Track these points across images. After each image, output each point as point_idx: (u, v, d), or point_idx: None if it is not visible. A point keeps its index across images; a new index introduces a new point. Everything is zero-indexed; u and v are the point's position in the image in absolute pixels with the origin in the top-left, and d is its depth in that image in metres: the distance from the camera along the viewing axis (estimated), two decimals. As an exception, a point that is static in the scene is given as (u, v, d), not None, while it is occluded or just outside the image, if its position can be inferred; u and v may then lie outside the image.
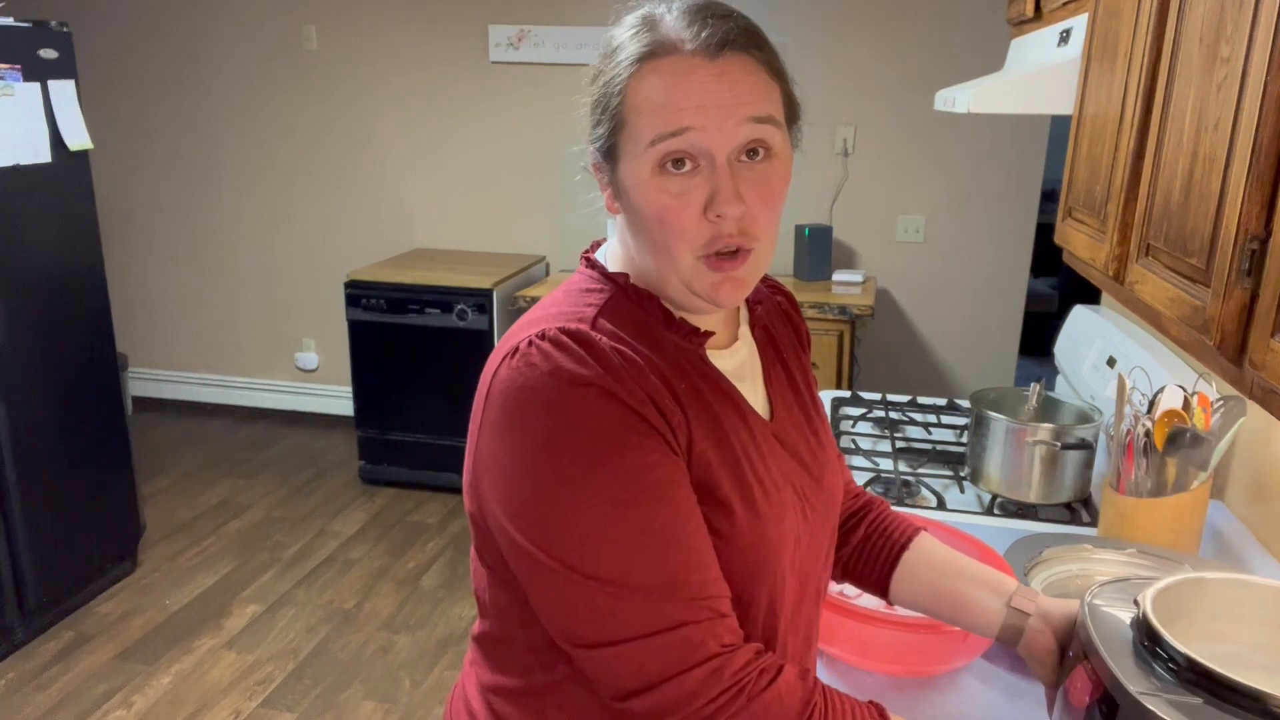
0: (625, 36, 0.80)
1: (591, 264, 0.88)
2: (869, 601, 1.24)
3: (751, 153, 0.78)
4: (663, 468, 0.75)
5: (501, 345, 0.82)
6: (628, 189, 0.80)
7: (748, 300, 0.96)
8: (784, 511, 0.86)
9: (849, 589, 1.26)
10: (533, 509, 0.75)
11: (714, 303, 0.82)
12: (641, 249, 0.83)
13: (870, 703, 0.83)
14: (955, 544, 1.27)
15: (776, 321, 1.00)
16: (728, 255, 0.79)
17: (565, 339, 0.76)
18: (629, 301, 0.84)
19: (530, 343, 0.77)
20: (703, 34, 0.77)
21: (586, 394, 0.74)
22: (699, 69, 0.76)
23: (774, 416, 0.91)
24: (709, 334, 0.85)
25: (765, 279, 1.02)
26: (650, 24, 0.80)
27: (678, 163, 0.77)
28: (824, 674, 1.17)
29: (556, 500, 0.73)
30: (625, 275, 0.86)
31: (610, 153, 0.81)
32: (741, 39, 0.78)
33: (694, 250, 0.79)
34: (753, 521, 0.82)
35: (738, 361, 0.91)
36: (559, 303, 0.84)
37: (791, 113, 0.84)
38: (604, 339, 0.77)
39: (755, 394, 0.91)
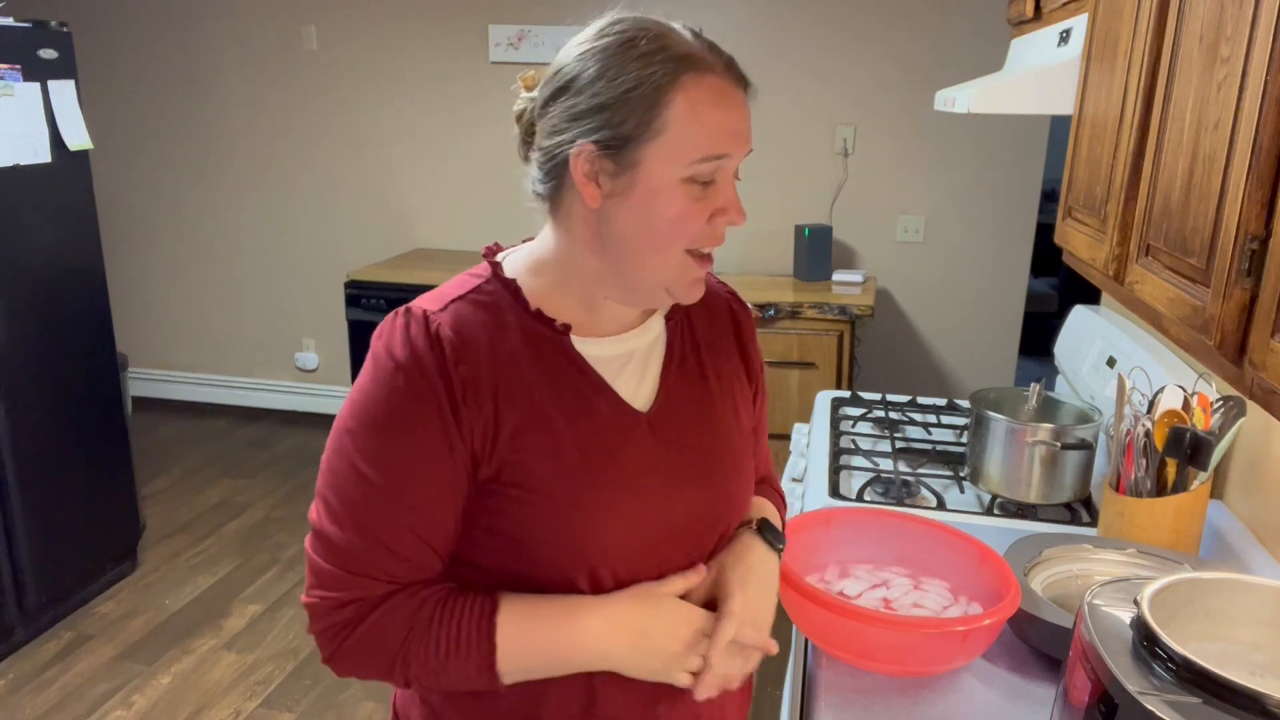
0: (644, 40, 0.83)
1: (485, 254, 0.97)
2: (868, 601, 1.24)
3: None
4: (417, 458, 0.85)
5: None
6: (646, 189, 0.83)
7: None
8: (633, 499, 0.90)
9: (849, 589, 1.26)
10: (330, 436, 0.89)
11: (684, 300, 0.91)
12: (618, 247, 0.87)
13: (488, 595, 0.88)
14: (954, 544, 1.27)
15: (708, 317, 1.03)
16: (705, 256, 0.89)
17: (406, 319, 0.88)
18: (498, 288, 0.91)
19: (394, 316, 0.89)
20: (723, 60, 0.85)
21: (394, 374, 0.85)
22: (734, 96, 0.85)
23: (656, 406, 0.94)
24: (566, 326, 0.91)
25: (717, 279, 1.09)
26: (663, 33, 0.84)
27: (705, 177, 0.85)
28: (824, 674, 1.18)
29: (339, 439, 0.88)
30: (500, 266, 0.93)
31: (624, 146, 0.82)
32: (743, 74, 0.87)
33: (687, 246, 0.86)
34: (570, 503, 0.88)
35: (625, 349, 0.94)
36: (446, 284, 0.94)
37: None
38: (440, 322, 0.87)
39: (641, 382, 0.95)
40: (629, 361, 0.94)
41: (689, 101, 0.81)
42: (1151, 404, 1.41)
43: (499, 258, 0.96)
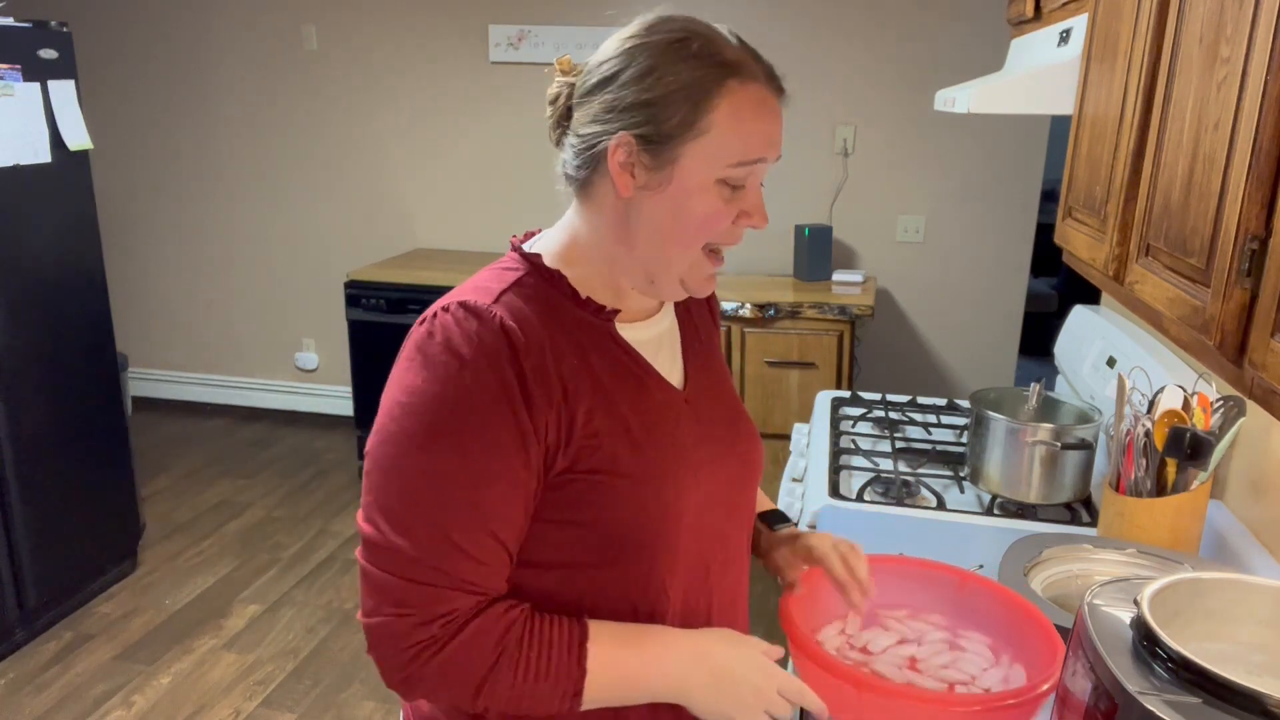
0: (695, 42, 0.85)
1: (515, 247, 0.96)
2: (891, 659, 1.09)
3: None
4: (491, 456, 0.83)
5: (425, 313, 0.90)
6: (680, 186, 0.86)
7: None
8: (692, 473, 0.93)
9: (874, 643, 1.11)
10: (380, 444, 0.85)
11: (697, 294, 0.93)
12: (644, 237, 0.89)
13: (574, 620, 0.88)
14: (944, 579, 1.15)
15: (695, 299, 1.07)
16: (718, 254, 0.91)
17: (463, 314, 0.84)
18: (540, 280, 0.91)
19: (436, 315, 0.86)
20: (765, 68, 0.87)
21: (460, 372, 0.82)
22: (771, 104, 0.87)
23: (688, 384, 0.99)
24: (615, 311, 0.92)
25: None
26: (713, 38, 0.86)
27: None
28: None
29: (397, 447, 0.84)
30: (539, 256, 0.93)
31: (665, 142, 0.85)
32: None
33: (709, 244, 0.89)
34: (648, 484, 0.89)
35: (657, 332, 0.98)
36: (478, 279, 0.92)
37: None
38: (500, 315, 0.84)
39: (673, 363, 0.99)
40: (661, 344, 0.98)
41: (732, 107, 0.84)
42: (1151, 404, 1.41)
43: (527, 248, 0.96)
